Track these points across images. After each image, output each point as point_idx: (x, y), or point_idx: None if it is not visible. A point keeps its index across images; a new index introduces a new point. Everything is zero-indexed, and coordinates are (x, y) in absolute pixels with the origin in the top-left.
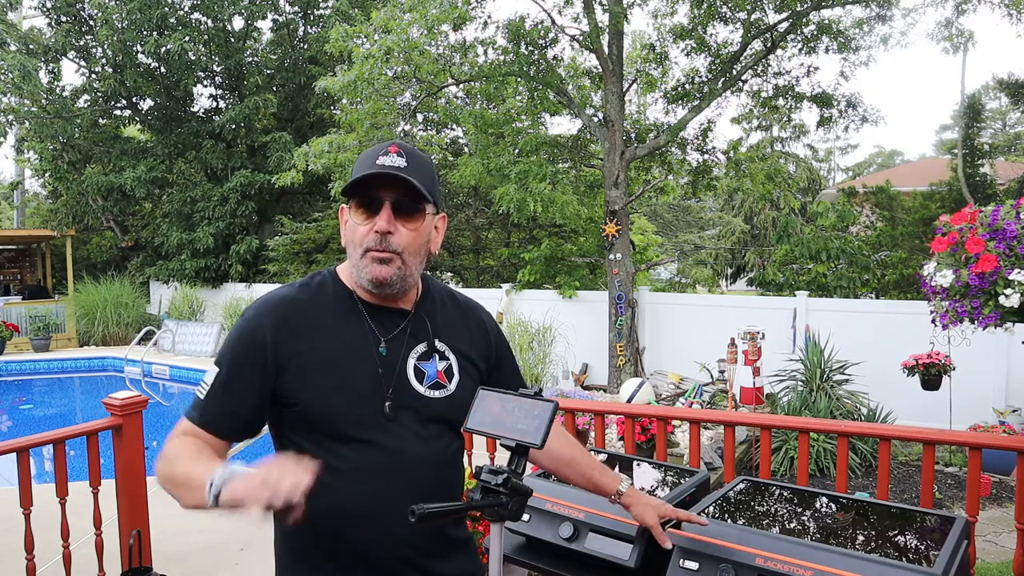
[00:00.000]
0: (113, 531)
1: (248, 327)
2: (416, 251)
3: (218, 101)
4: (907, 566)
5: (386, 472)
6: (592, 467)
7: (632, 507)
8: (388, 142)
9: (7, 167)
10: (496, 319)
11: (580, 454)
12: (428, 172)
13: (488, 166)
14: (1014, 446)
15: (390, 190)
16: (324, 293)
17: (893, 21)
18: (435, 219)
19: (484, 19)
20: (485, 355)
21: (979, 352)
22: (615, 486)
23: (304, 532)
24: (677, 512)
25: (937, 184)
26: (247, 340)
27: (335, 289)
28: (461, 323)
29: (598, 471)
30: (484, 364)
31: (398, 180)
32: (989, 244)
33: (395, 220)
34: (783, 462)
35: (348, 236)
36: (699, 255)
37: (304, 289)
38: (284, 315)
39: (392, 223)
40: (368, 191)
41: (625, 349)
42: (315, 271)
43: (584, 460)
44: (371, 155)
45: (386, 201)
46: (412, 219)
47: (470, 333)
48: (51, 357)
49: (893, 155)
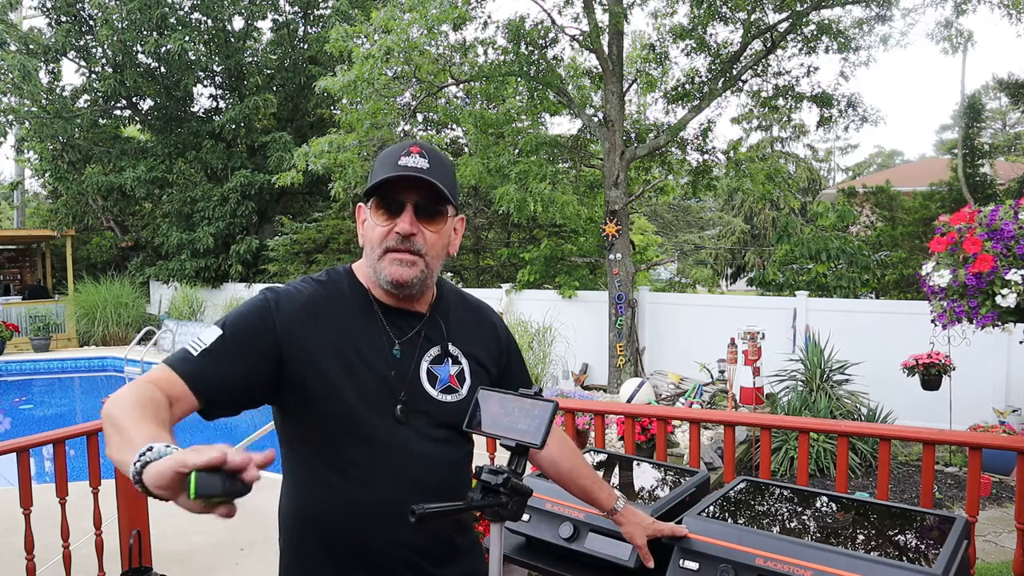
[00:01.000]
0: (113, 531)
1: (261, 306)
2: (438, 253)
3: (218, 101)
4: (907, 566)
5: (392, 474)
6: (592, 481)
7: (624, 526)
8: (409, 142)
9: (7, 167)
10: None
11: (582, 466)
12: (449, 173)
13: (488, 166)
14: (1014, 446)
15: (412, 192)
16: (340, 289)
17: (893, 21)
18: (455, 221)
19: (484, 19)
20: (496, 358)
21: (979, 352)
22: (611, 504)
23: (308, 531)
24: (662, 529)
25: (937, 184)
26: (256, 317)
27: (351, 286)
28: (473, 326)
29: (597, 486)
30: (495, 368)
31: (421, 182)
32: (987, 244)
33: (417, 222)
34: (783, 462)
35: (366, 236)
36: (699, 255)
37: (320, 283)
38: (298, 304)
39: (415, 224)
40: (390, 192)
41: (625, 349)
42: (330, 267)
43: (586, 473)
44: (392, 155)
45: (408, 203)
46: (434, 221)
47: (482, 336)
48: (51, 357)
49: (893, 155)
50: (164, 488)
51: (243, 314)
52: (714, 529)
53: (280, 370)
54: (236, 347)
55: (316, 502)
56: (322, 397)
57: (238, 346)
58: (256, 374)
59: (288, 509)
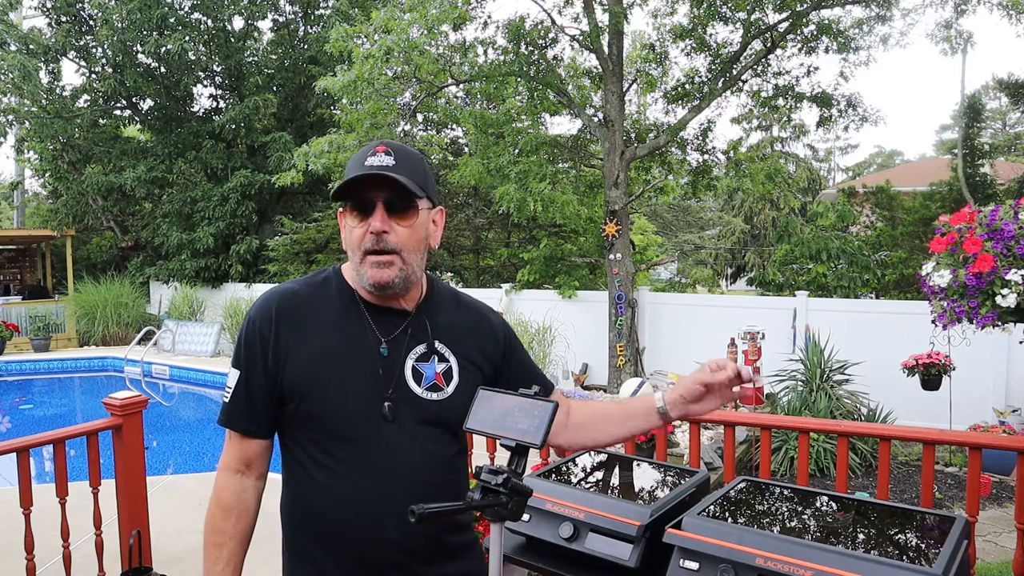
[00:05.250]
0: (113, 531)
1: (250, 328)
2: (415, 247)
3: (218, 101)
4: (907, 566)
5: (379, 474)
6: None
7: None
8: (376, 142)
9: (7, 167)
10: None
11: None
12: (418, 167)
13: (488, 166)
14: (1014, 446)
15: (381, 190)
16: (327, 290)
17: (893, 21)
18: (432, 213)
19: (484, 19)
20: (491, 356)
21: (979, 352)
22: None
23: (303, 530)
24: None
25: (937, 184)
26: (251, 340)
27: (338, 287)
28: (464, 324)
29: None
30: (489, 365)
31: (387, 179)
32: (987, 244)
33: (389, 219)
34: (783, 462)
35: (346, 239)
36: (699, 255)
37: (307, 285)
38: (284, 308)
39: (386, 222)
40: (359, 193)
41: (625, 349)
42: (321, 268)
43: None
44: (360, 157)
45: (378, 201)
46: (406, 216)
47: (474, 334)
48: (51, 357)
49: (893, 155)
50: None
51: (241, 347)
52: (714, 529)
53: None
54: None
55: (305, 499)
56: (309, 397)
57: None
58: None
59: (283, 507)
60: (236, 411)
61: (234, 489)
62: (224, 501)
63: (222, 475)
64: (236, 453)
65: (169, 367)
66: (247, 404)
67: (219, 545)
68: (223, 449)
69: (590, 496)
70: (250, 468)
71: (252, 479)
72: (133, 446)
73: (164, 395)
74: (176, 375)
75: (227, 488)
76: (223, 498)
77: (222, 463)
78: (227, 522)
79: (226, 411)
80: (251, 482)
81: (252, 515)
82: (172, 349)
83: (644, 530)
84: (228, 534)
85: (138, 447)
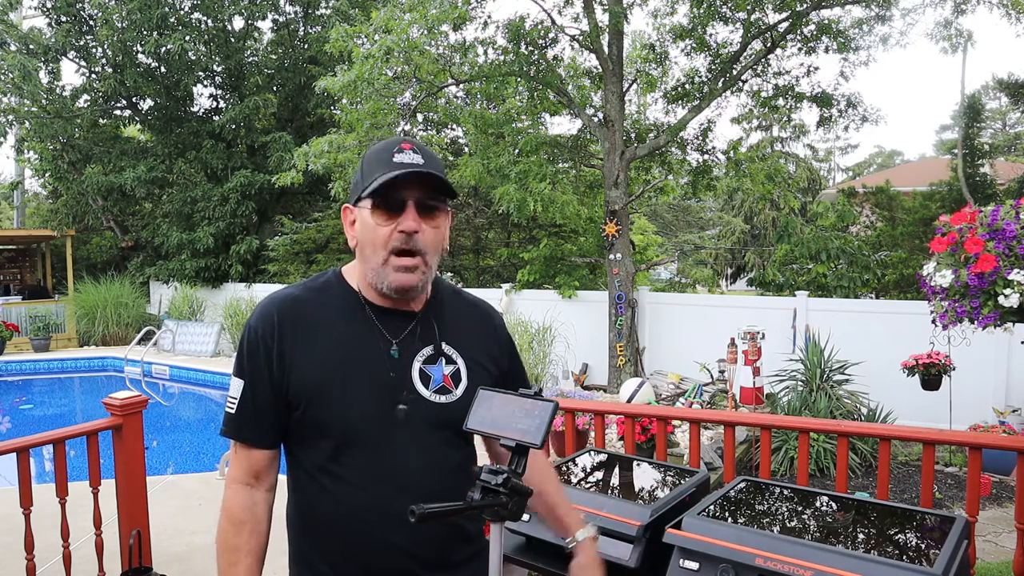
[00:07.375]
0: (113, 531)
1: (252, 336)
2: (437, 249)
3: (218, 101)
4: (907, 566)
5: (388, 479)
6: (560, 503)
7: (574, 564)
8: (397, 139)
9: (7, 167)
10: None
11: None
12: (441, 167)
13: (488, 166)
14: (1014, 446)
15: (412, 189)
16: (329, 293)
17: (893, 21)
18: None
19: (484, 19)
20: (497, 357)
21: (979, 352)
22: (574, 531)
23: (308, 537)
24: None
25: (937, 184)
26: (253, 349)
27: (340, 290)
28: (471, 325)
29: (563, 509)
30: (495, 367)
31: (421, 177)
32: (988, 244)
33: (419, 219)
34: (783, 462)
35: (366, 238)
36: (699, 255)
37: (308, 289)
38: (285, 314)
39: (418, 221)
40: (390, 191)
41: (625, 349)
42: (320, 271)
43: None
44: (384, 155)
45: (410, 200)
46: (434, 217)
47: (481, 335)
48: (51, 357)
49: (893, 155)
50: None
51: (243, 355)
52: (714, 529)
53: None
54: (255, 389)
55: (311, 505)
56: (317, 403)
57: (257, 387)
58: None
59: (289, 515)
60: (242, 422)
61: (244, 503)
62: (235, 516)
63: (231, 489)
64: (244, 465)
65: (169, 367)
66: (253, 414)
67: (234, 563)
68: (230, 463)
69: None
70: (259, 480)
71: (262, 492)
72: (133, 446)
73: (164, 395)
74: (176, 375)
75: (237, 502)
76: (234, 513)
77: (230, 477)
78: (240, 537)
79: (231, 422)
80: (261, 495)
81: (265, 529)
82: (172, 349)
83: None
84: (242, 550)
85: (138, 447)
